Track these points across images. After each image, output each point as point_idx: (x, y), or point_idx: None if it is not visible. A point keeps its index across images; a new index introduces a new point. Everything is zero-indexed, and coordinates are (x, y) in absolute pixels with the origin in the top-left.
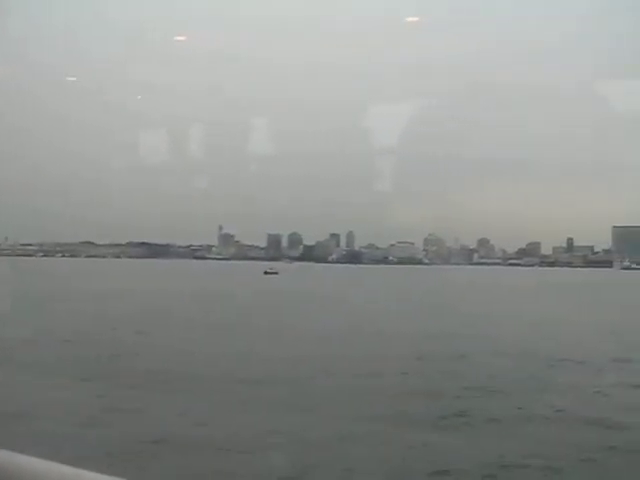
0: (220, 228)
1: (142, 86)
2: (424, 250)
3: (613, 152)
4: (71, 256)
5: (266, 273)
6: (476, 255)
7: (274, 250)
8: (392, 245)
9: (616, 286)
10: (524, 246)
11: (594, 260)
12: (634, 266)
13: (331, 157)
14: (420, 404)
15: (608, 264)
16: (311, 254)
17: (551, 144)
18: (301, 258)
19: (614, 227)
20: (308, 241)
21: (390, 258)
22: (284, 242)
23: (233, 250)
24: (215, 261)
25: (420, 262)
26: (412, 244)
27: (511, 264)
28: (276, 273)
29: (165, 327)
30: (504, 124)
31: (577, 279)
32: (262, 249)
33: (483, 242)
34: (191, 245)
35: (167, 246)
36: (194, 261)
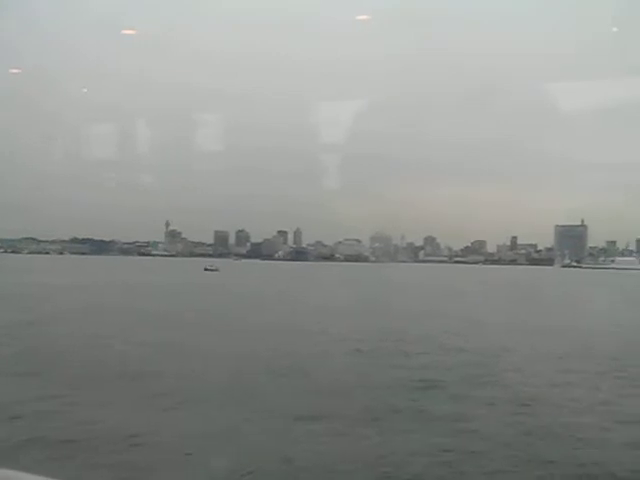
0: (167, 224)
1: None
2: (371, 248)
3: (557, 154)
4: (12, 252)
5: (206, 270)
6: (422, 253)
7: (221, 247)
8: (339, 242)
9: (546, 283)
10: (470, 244)
11: (537, 258)
12: (574, 264)
13: (280, 152)
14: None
15: (550, 262)
16: (259, 251)
17: (495, 147)
18: (248, 255)
19: (556, 226)
20: (256, 238)
21: (336, 255)
22: (231, 239)
23: (180, 247)
24: (161, 258)
25: (366, 259)
26: (359, 242)
27: (456, 262)
28: (216, 270)
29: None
30: (447, 127)
31: (512, 277)
32: (209, 246)
33: (429, 240)
34: (137, 241)
35: (112, 242)
36: (138, 258)
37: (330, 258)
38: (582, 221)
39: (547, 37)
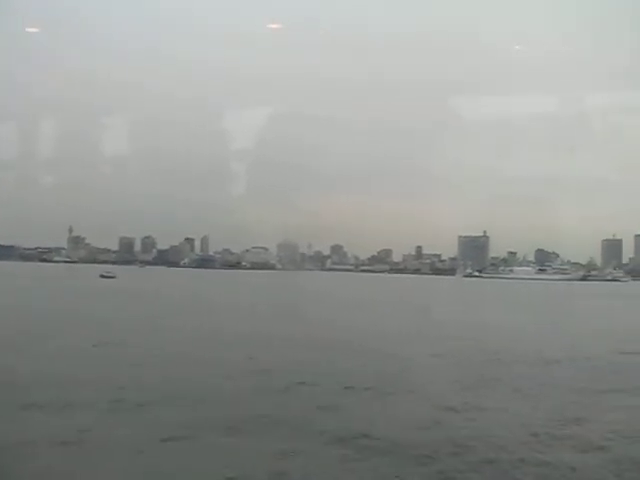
0: (70, 230)
1: None
2: (278, 256)
3: (461, 166)
4: None
5: (102, 277)
6: (329, 261)
7: (127, 254)
8: (247, 250)
9: (437, 291)
10: (376, 253)
11: (441, 268)
12: (475, 274)
13: (190, 157)
14: None
15: (453, 272)
16: (165, 258)
17: (403, 157)
18: (154, 262)
19: (460, 237)
20: (163, 245)
21: (243, 263)
22: (137, 245)
23: (83, 253)
24: (63, 264)
25: (273, 267)
26: (266, 250)
27: (362, 270)
28: (113, 277)
29: None
30: (357, 140)
31: (410, 285)
32: (114, 252)
33: (336, 249)
34: (38, 247)
35: (11, 248)
36: (38, 264)
37: (236, 266)
38: (484, 232)
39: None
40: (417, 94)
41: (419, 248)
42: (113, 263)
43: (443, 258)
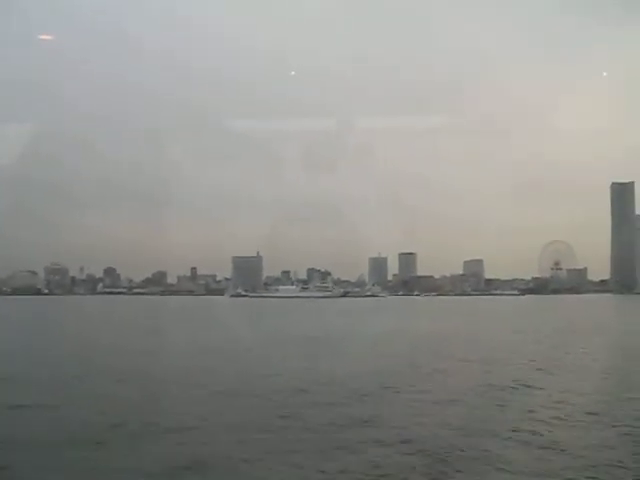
0: None
1: None
2: (45, 280)
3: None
4: None
5: None
6: (101, 285)
7: None
8: (12, 275)
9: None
10: (151, 275)
11: (215, 288)
12: (243, 293)
13: None
14: None
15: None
16: None
17: (180, 177)
18: None
19: (234, 257)
20: None
21: (4, 289)
22: None
23: None
24: None
25: (39, 292)
26: (35, 273)
27: (135, 293)
28: None
29: None
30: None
31: (163, 307)
32: None
33: (110, 271)
34: None
35: None
36: None
37: None
38: (257, 252)
39: None
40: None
41: (194, 269)
42: None
43: (219, 279)
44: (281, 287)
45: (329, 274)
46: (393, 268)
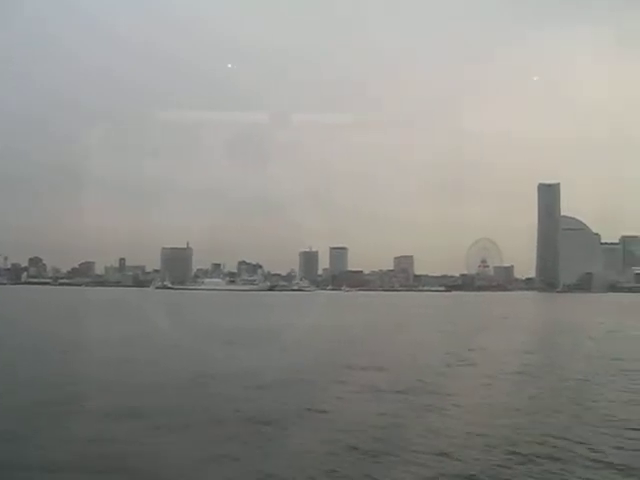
0: None
1: None
2: None
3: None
4: None
5: None
6: (25, 274)
7: None
8: None
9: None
10: (78, 265)
11: (143, 280)
12: (169, 285)
13: None
14: None
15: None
16: None
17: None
18: None
19: (163, 249)
20: None
21: None
22: None
23: None
24: None
25: None
26: None
27: (61, 284)
28: None
29: None
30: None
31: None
32: None
33: (35, 261)
34: None
35: None
36: None
37: None
38: (187, 244)
39: None
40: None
41: (122, 260)
42: None
43: (148, 270)
44: (207, 280)
45: (260, 267)
46: (325, 263)
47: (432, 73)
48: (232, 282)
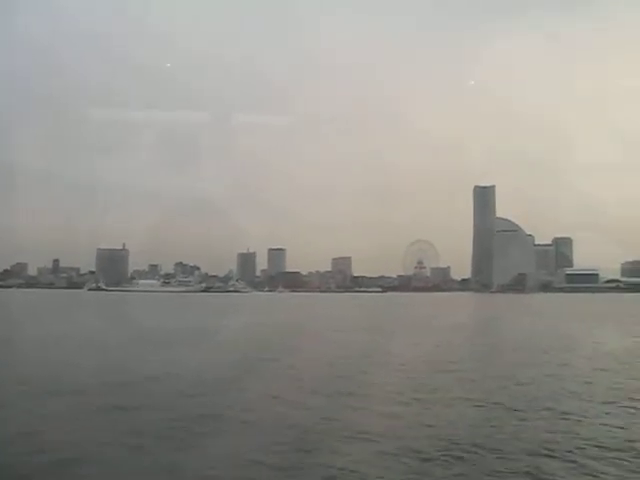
0: None
1: None
2: None
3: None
4: None
5: None
6: None
7: None
8: None
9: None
10: (9, 267)
11: (78, 282)
12: (103, 287)
13: None
14: None
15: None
16: None
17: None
18: None
19: (98, 250)
20: None
21: None
22: None
23: None
24: None
25: None
26: None
27: None
28: None
29: None
30: None
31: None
32: None
33: None
34: None
35: None
36: None
37: None
38: (124, 245)
39: None
40: None
41: (56, 262)
42: None
43: (83, 272)
44: (141, 281)
45: (198, 269)
46: (264, 264)
47: (369, 74)
48: (167, 283)
